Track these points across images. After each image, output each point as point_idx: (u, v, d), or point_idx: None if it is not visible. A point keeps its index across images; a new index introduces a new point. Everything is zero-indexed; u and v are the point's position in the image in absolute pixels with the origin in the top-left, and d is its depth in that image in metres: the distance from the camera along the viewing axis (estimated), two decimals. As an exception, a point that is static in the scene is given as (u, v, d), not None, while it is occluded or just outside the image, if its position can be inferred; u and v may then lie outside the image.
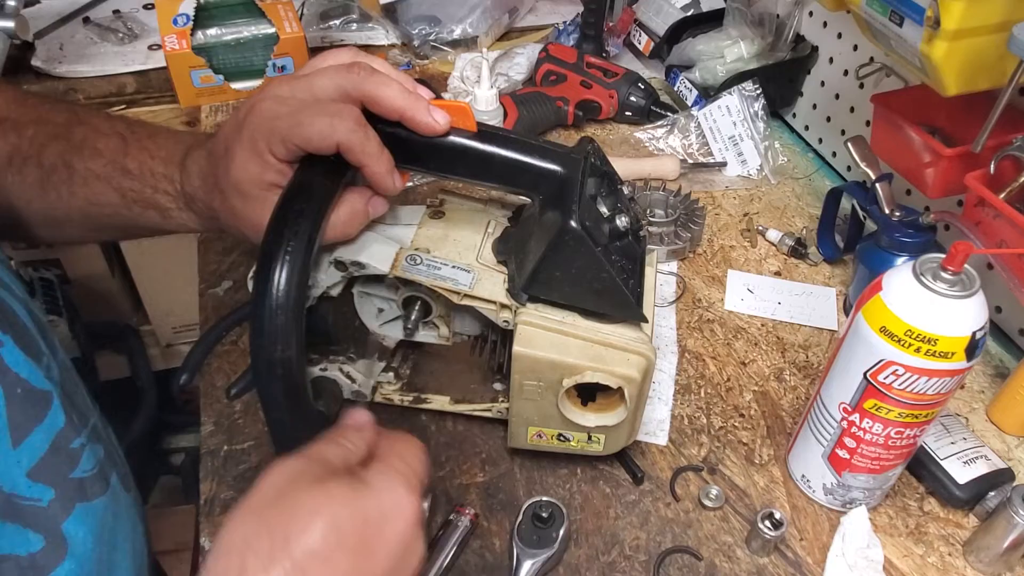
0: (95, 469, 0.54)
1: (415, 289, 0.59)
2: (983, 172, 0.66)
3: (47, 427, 0.50)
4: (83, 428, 0.53)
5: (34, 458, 0.49)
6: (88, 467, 0.53)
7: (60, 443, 0.51)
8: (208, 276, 0.80)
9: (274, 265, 0.48)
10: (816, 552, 0.60)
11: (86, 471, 0.53)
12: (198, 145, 0.59)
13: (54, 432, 0.50)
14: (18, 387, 0.48)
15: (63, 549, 0.50)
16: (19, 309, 0.51)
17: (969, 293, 0.49)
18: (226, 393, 0.68)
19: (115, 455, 0.58)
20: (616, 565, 0.58)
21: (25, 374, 0.49)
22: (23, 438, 0.48)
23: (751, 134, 0.97)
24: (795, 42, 1.01)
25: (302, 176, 0.51)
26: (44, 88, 1.09)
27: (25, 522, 0.48)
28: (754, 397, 0.71)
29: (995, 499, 0.60)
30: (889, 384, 0.52)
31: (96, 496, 0.54)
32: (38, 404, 0.50)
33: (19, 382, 0.48)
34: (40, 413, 0.50)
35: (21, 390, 0.48)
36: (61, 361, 0.54)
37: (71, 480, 0.51)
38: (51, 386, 0.51)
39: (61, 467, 0.51)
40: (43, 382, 0.50)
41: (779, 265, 0.86)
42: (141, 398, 1.49)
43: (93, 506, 0.53)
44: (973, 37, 0.58)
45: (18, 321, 0.50)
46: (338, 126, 0.50)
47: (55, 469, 0.50)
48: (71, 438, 0.52)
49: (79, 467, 0.52)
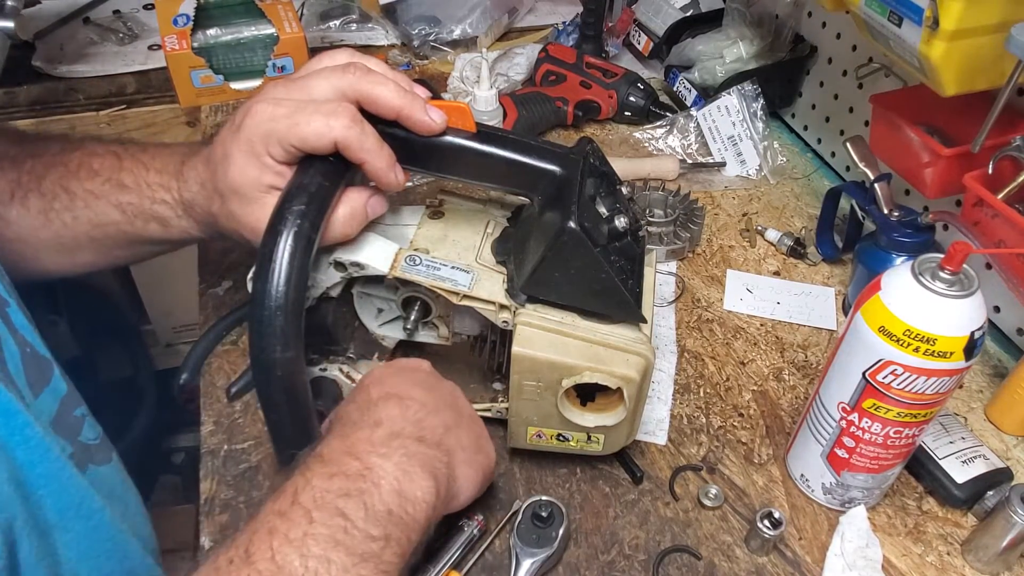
0: (97, 440, 0.56)
1: (414, 289, 0.59)
2: (981, 172, 0.66)
3: (53, 390, 0.52)
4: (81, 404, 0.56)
5: (51, 414, 0.51)
6: (91, 436, 0.56)
7: (65, 408, 0.53)
8: (208, 276, 0.80)
9: (273, 266, 0.48)
10: (815, 551, 0.60)
11: (90, 439, 0.56)
12: (193, 154, 0.59)
13: (59, 396, 0.53)
14: (27, 347, 0.51)
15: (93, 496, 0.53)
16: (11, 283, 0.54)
17: (967, 293, 0.49)
18: (226, 393, 0.68)
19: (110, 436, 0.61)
20: (615, 564, 0.58)
21: (29, 338, 0.51)
22: (38, 393, 0.51)
23: (750, 134, 0.97)
24: (794, 42, 1.01)
25: (300, 178, 0.51)
26: (44, 88, 1.09)
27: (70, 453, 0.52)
28: (753, 397, 0.71)
29: (993, 498, 0.60)
30: (888, 384, 0.52)
31: (102, 463, 0.56)
32: (43, 369, 0.52)
33: (26, 343, 0.51)
34: (46, 377, 0.52)
35: (29, 351, 0.51)
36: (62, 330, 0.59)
37: (80, 442, 0.54)
38: (51, 356, 0.53)
39: (71, 430, 0.53)
40: (44, 350, 0.53)
41: (778, 265, 0.86)
42: (141, 398, 1.49)
43: (100, 471, 0.55)
44: (971, 37, 0.58)
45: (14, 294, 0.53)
46: (334, 124, 0.50)
47: (67, 428, 0.53)
48: (72, 406, 0.54)
49: (83, 433, 0.55)
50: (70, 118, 1.08)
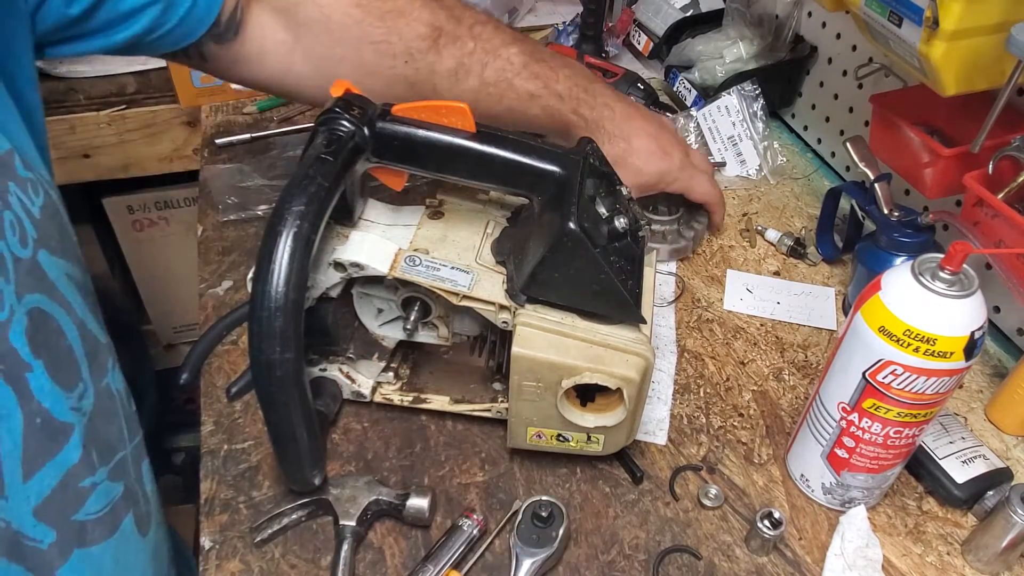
0: (104, 510, 0.52)
1: (414, 290, 0.59)
2: (981, 172, 0.66)
3: (59, 462, 0.48)
4: (102, 464, 0.52)
5: (42, 495, 0.47)
6: (95, 509, 0.51)
7: (69, 480, 0.49)
8: (208, 276, 0.80)
9: (273, 267, 0.48)
10: (815, 551, 0.60)
11: (91, 513, 0.51)
12: None
13: (65, 468, 0.48)
14: (38, 417, 0.46)
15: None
16: (70, 330, 0.49)
17: (967, 293, 0.49)
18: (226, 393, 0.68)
19: (137, 494, 0.56)
20: (615, 564, 0.58)
21: (48, 404, 0.47)
22: (34, 471, 0.46)
23: (750, 134, 0.97)
24: (794, 42, 1.01)
25: (300, 178, 0.51)
26: (44, 88, 1.08)
27: (27, 565, 0.46)
28: (753, 397, 0.71)
29: (993, 498, 0.60)
30: (888, 384, 0.52)
31: (96, 541, 0.52)
32: (55, 437, 0.48)
33: (40, 412, 0.46)
34: (55, 447, 0.48)
35: (40, 420, 0.46)
36: (104, 387, 0.52)
37: (72, 523, 0.50)
38: (75, 418, 0.49)
39: (65, 507, 0.49)
40: (66, 414, 0.48)
41: (778, 265, 0.86)
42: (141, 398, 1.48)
43: (90, 553, 0.51)
44: (971, 37, 0.58)
45: (62, 344, 0.49)
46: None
47: (59, 509, 0.48)
48: (82, 476, 0.50)
49: (84, 508, 0.50)
50: (70, 118, 1.08)
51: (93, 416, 0.51)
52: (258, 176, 0.90)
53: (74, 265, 0.52)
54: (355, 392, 0.65)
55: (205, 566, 0.57)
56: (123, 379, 0.57)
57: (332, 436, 0.65)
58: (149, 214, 1.35)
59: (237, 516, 0.60)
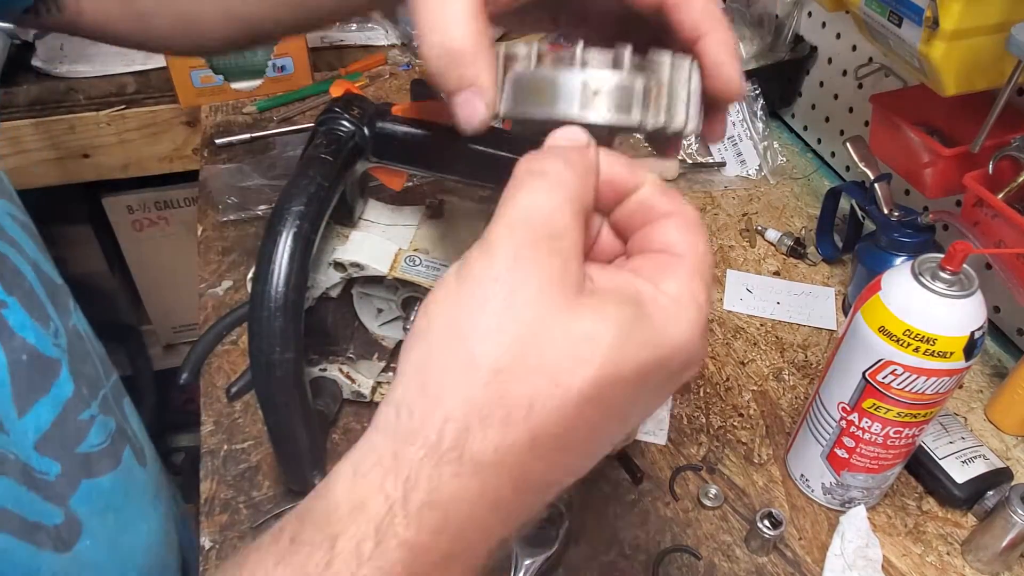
0: (105, 443, 0.52)
1: (414, 290, 0.59)
2: (981, 172, 0.66)
3: (54, 397, 0.48)
4: (92, 399, 0.52)
5: (40, 429, 0.47)
6: (96, 441, 0.52)
7: (67, 414, 0.49)
8: (208, 276, 0.80)
9: (273, 267, 0.48)
10: (815, 551, 0.60)
11: (94, 445, 0.52)
12: None
13: (61, 402, 0.49)
14: (23, 353, 0.46)
15: (78, 525, 0.49)
16: (27, 271, 0.49)
17: (967, 293, 0.49)
18: (226, 393, 0.68)
19: (127, 429, 0.57)
20: (615, 564, 0.58)
21: (32, 339, 0.47)
22: (28, 408, 0.46)
23: (750, 134, 0.97)
24: (794, 42, 1.01)
25: (300, 178, 0.51)
26: (44, 88, 1.09)
27: (43, 494, 0.47)
28: (753, 397, 0.71)
29: (993, 498, 0.60)
30: (888, 384, 0.52)
31: (103, 472, 0.52)
32: (45, 372, 0.48)
33: (25, 347, 0.46)
34: (46, 382, 0.48)
35: (27, 356, 0.46)
36: (72, 327, 0.52)
37: (77, 455, 0.50)
38: (59, 353, 0.49)
39: (67, 440, 0.49)
40: (50, 348, 0.49)
41: (778, 265, 0.86)
42: (141, 398, 1.49)
43: (99, 483, 0.52)
44: (971, 37, 0.58)
45: (25, 283, 0.48)
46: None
47: (61, 442, 0.49)
48: (79, 409, 0.50)
49: (86, 441, 0.51)
50: (70, 118, 1.08)
51: (71, 351, 0.51)
52: (258, 176, 0.90)
53: (14, 206, 0.52)
54: (355, 392, 0.65)
55: (205, 566, 0.57)
56: (86, 321, 0.56)
57: (332, 436, 0.65)
58: (149, 214, 1.35)
59: (237, 516, 0.60)
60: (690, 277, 0.30)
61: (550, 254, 0.28)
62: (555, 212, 0.29)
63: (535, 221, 0.29)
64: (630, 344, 0.28)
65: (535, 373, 0.26)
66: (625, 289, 0.29)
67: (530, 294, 0.27)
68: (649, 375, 0.29)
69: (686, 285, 0.30)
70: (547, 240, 0.28)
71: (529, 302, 0.27)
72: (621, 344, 0.27)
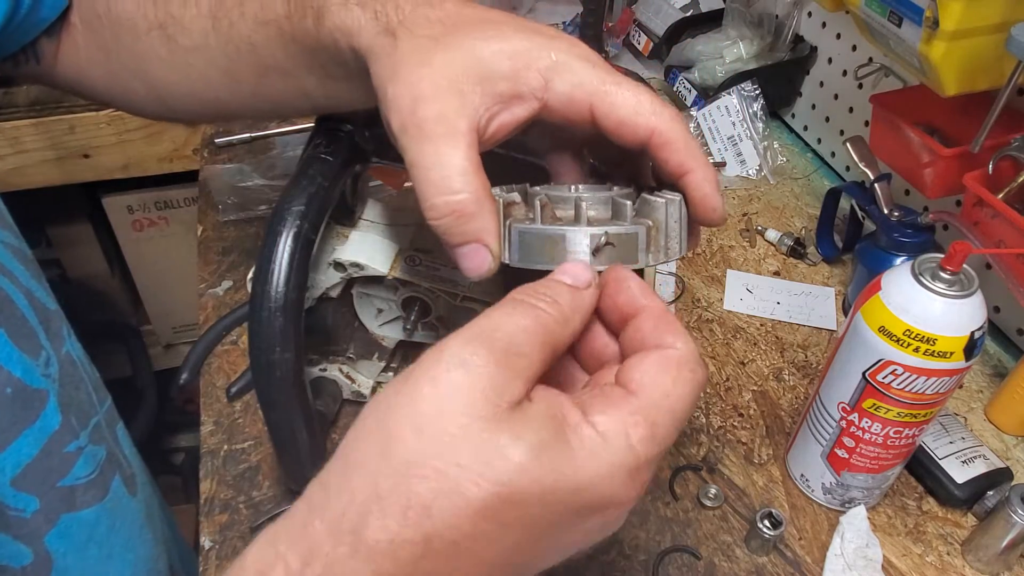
0: (93, 474, 0.52)
1: (414, 290, 0.59)
2: (981, 172, 0.66)
3: (38, 430, 0.47)
4: (82, 429, 0.51)
5: (19, 465, 0.46)
6: (83, 473, 0.51)
7: (52, 447, 0.48)
8: (208, 276, 0.80)
9: (272, 267, 0.48)
10: (815, 551, 0.60)
11: (79, 478, 0.50)
12: None
13: (46, 435, 0.48)
14: (8, 386, 0.45)
15: (49, 564, 0.48)
16: (19, 299, 0.48)
17: (967, 293, 0.49)
18: (226, 393, 0.68)
19: (119, 456, 0.57)
20: (615, 564, 0.58)
21: (18, 372, 0.46)
22: (8, 442, 0.45)
23: (750, 134, 0.97)
24: (794, 42, 1.01)
25: (300, 178, 0.51)
26: (44, 88, 1.09)
27: (13, 533, 0.46)
28: (753, 397, 0.71)
29: (993, 498, 0.60)
30: (888, 384, 0.52)
31: (87, 505, 0.51)
32: (29, 404, 0.47)
33: (10, 381, 0.45)
34: (31, 415, 0.47)
35: (12, 389, 0.45)
36: (64, 354, 0.52)
37: (59, 489, 0.49)
38: (47, 384, 0.48)
39: (49, 474, 0.48)
40: (38, 380, 0.47)
41: (778, 265, 0.86)
42: (141, 398, 1.49)
43: (80, 517, 0.51)
44: (972, 38, 0.58)
45: (16, 312, 0.48)
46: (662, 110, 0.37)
47: (42, 477, 0.47)
48: (66, 441, 0.49)
49: (71, 473, 0.50)
50: (70, 118, 1.08)
51: (62, 381, 0.50)
52: (258, 176, 0.90)
53: (9, 233, 0.51)
54: (355, 392, 0.65)
55: (205, 566, 0.57)
56: (81, 347, 0.55)
57: (332, 436, 0.65)
58: (149, 214, 1.35)
59: (237, 516, 0.60)
60: (631, 416, 0.30)
61: (499, 366, 0.29)
62: (521, 334, 0.30)
63: (497, 335, 0.30)
64: (537, 466, 0.28)
65: (442, 476, 0.27)
66: (552, 413, 0.29)
67: (461, 401, 0.28)
68: (556, 504, 0.28)
69: (620, 423, 0.30)
70: (503, 354, 0.29)
71: (457, 409, 0.28)
72: (528, 465, 0.28)
